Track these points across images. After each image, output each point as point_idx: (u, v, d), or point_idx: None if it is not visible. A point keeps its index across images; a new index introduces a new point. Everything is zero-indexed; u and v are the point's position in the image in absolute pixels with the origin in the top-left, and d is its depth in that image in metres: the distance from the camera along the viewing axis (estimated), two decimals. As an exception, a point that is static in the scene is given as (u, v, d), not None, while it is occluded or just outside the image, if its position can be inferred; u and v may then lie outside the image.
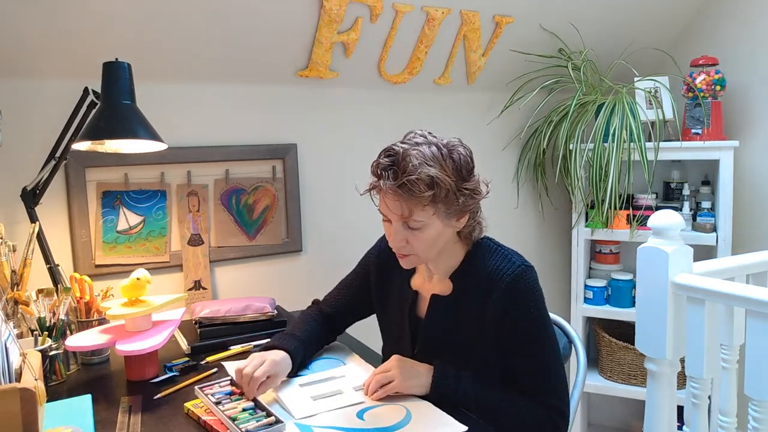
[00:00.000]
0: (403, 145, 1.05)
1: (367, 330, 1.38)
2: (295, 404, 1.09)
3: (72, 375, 1.28)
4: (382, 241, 1.31)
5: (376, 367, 1.16)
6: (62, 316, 1.28)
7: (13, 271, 1.30)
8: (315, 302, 1.41)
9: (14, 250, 1.32)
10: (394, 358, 1.14)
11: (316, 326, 1.32)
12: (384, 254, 1.28)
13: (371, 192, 1.10)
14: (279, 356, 1.16)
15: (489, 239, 1.19)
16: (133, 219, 1.67)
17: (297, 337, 1.25)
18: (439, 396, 1.09)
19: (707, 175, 2.28)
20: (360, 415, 1.05)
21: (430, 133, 1.09)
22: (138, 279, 1.26)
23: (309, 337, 1.28)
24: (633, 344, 1.63)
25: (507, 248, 1.17)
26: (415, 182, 1.00)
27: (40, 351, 1.14)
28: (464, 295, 1.14)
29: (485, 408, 1.07)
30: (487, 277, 1.11)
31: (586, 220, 2.25)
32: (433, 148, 1.04)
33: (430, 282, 1.20)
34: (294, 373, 1.21)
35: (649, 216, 1.44)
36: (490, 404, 1.08)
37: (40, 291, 1.32)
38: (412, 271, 1.24)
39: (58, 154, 1.41)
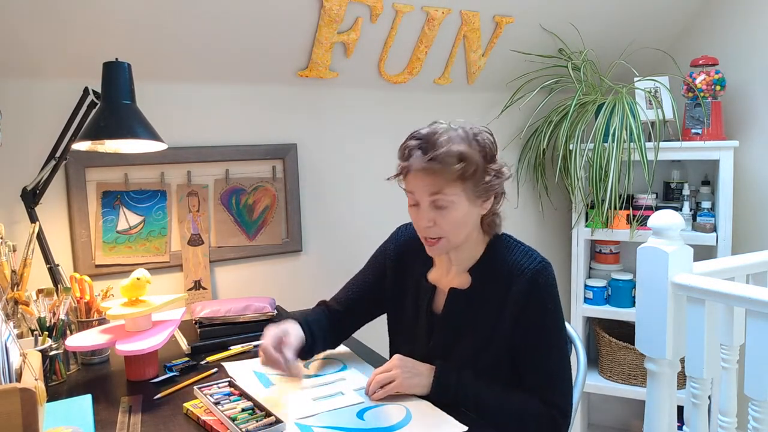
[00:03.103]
0: (429, 128, 1.10)
1: (368, 330, 1.38)
2: (294, 405, 1.08)
3: (72, 375, 1.28)
4: (398, 235, 1.32)
5: (377, 367, 1.16)
6: (62, 316, 1.28)
7: (13, 271, 1.30)
8: (321, 303, 1.38)
9: (14, 250, 1.32)
10: (396, 357, 1.14)
11: (323, 318, 1.31)
12: (402, 248, 1.28)
13: (398, 177, 1.13)
14: (286, 323, 1.21)
15: (507, 236, 1.21)
16: (133, 219, 1.67)
17: (301, 315, 1.28)
18: (440, 396, 1.09)
19: (707, 175, 2.28)
20: (360, 415, 1.05)
21: (454, 122, 1.13)
22: (138, 279, 1.26)
23: (315, 321, 1.27)
24: (633, 344, 1.63)
25: (525, 245, 1.18)
26: (445, 155, 1.04)
27: (40, 351, 1.13)
28: (483, 289, 1.15)
29: (485, 407, 1.07)
30: (508, 271, 1.12)
31: (586, 220, 2.25)
32: (459, 131, 1.09)
33: (448, 276, 1.20)
34: (309, 353, 1.23)
35: (649, 216, 1.44)
36: (490, 404, 1.08)
37: (40, 291, 1.31)
38: (430, 265, 1.24)
39: (58, 154, 1.41)
